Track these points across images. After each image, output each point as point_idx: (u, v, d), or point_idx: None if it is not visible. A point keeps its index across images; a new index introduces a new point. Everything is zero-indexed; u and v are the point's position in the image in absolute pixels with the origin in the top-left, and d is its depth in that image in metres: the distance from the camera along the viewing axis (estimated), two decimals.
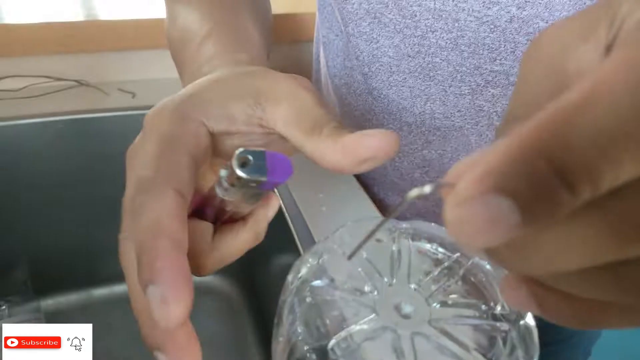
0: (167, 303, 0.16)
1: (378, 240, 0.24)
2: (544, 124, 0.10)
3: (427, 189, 0.13)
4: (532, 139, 0.10)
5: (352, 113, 0.44)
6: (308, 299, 0.21)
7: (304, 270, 0.23)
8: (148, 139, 0.21)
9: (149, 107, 0.23)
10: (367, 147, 0.20)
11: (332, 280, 0.22)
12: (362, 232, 0.25)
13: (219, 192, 0.22)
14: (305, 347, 0.19)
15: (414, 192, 0.13)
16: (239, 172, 0.19)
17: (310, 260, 0.23)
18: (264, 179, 0.20)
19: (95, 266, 0.53)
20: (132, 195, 0.20)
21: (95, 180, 0.51)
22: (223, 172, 0.21)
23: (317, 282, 0.21)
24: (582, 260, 0.11)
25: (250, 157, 0.19)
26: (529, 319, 0.21)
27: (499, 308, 0.21)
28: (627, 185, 0.10)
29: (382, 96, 0.41)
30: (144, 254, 0.18)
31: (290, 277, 0.22)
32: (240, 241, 0.24)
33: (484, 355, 0.19)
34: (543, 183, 0.10)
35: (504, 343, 0.19)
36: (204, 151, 0.22)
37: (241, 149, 0.19)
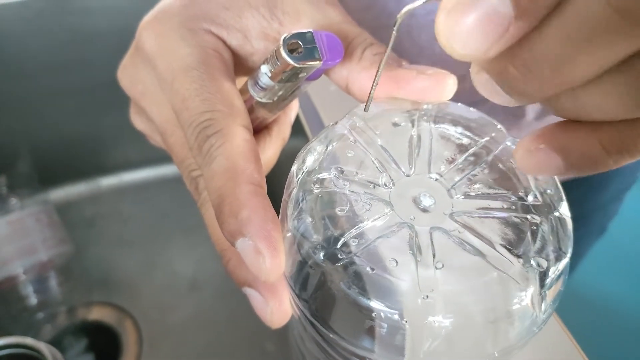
0: (262, 255, 0.16)
1: (395, 125, 0.21)
2: None
3: (419, 1, 0.13)
4: None
5: None
6: (315, 193, 0.19)
7: (310, 160, 0.20)
8: (167, 68, 0.19)
9: None
10: (421, 88, 0.19)
11: (341, 171, 0.19)
12: (378, 114, 0.22)
13: (254, 93, 0.20)
14: (312, 248, 0.17)
15: (406, 8, 0.13)
16: (290, 60, 0.17)
17: (317, 148, 0.21)
18: (319, 63, 0.18)
19: (102, 155, 0.52)
20: (195, 135, 0.18)
21: (86, 64, 0.48)
22: (264, 68, 0.19)
23: (324, 174, 0.19)
24: (592, 54, 0.10)
25: (300, 42, 0.17)
26: (564, 209, 0.19)
27: (530, 198, 0.19)
28: None
29: None
30: (224, 203, 0.16)
31: (294, 168, 0.20)
32: (268, 155, 0.23)
33: (510, 251, 0.17)
34: None
35: (534, 237, 0.17)
36: (232, 70, 0.20)
37: (286, 34, 0.17)
